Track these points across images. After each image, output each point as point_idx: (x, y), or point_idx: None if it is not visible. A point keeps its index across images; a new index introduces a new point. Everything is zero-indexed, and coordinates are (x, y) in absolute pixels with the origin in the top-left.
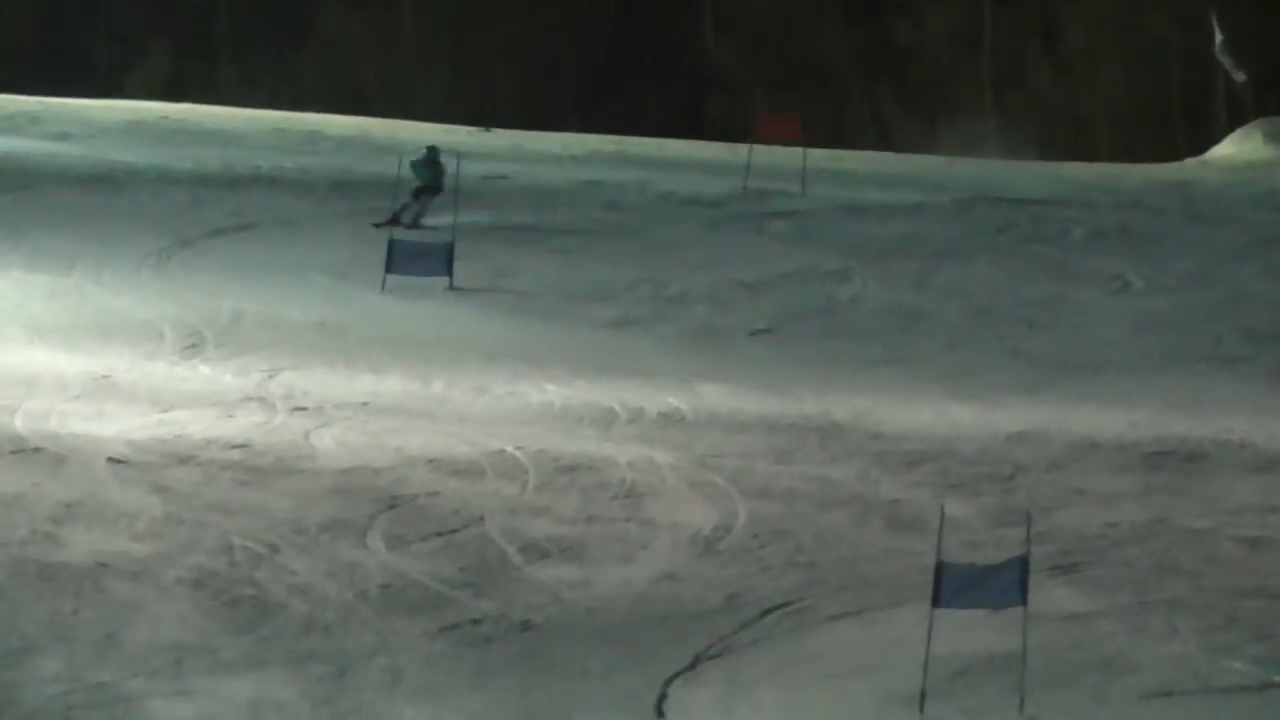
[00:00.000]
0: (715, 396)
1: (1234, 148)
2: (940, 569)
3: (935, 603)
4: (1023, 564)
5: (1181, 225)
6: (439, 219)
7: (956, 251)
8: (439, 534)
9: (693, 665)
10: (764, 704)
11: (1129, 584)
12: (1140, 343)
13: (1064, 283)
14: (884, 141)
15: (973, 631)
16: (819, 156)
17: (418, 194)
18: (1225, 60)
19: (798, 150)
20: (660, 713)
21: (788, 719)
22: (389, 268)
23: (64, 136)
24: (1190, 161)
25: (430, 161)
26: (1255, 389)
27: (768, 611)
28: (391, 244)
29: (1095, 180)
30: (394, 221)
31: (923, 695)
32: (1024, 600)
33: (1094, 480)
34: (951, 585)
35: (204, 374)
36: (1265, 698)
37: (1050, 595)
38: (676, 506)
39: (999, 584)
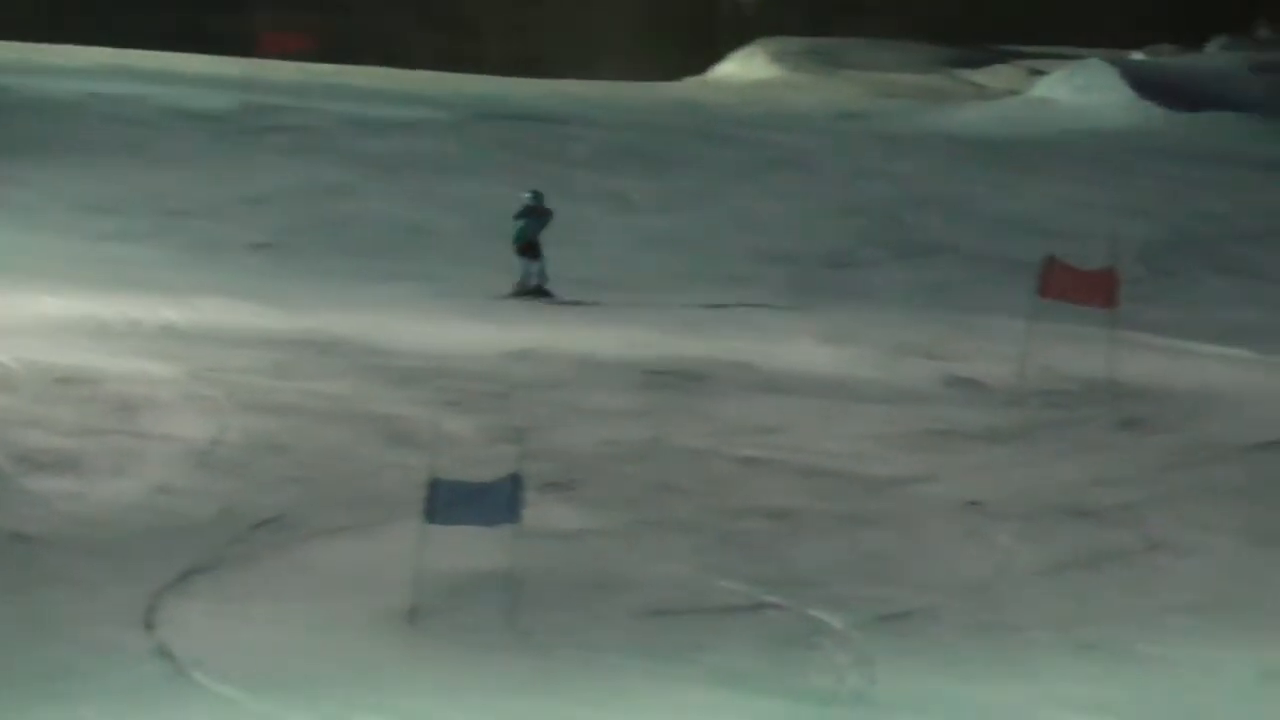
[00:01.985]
0: (213, 310)
1: (737, 67)
2: (434, 485)
3: (429, 518)
4: (517, 481)
5: (686, 144)
6: None
7: (460, 167)
8: None
9: (183, 578)
10: (254, 617)
11: (625, 503)
12: (643, 261)
13: (567, 200)
14: (393, 58)
15: (467, 548)
16: (325, 71)
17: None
18: None
19: (302, 65)
20: (149, 625)
21: (278, 633)
22: None
23: None
24: (694, 80)
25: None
26: (756, 310)
27: (260, 525)
28: None
29: (600, 98)
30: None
31: (414, 610)
32: (518, 517)
33: (593, 398)
34: (445, 501)
35: None
36: (758, 617)
37: (546, 513)
38: (171, 419)
39: (493, 501)
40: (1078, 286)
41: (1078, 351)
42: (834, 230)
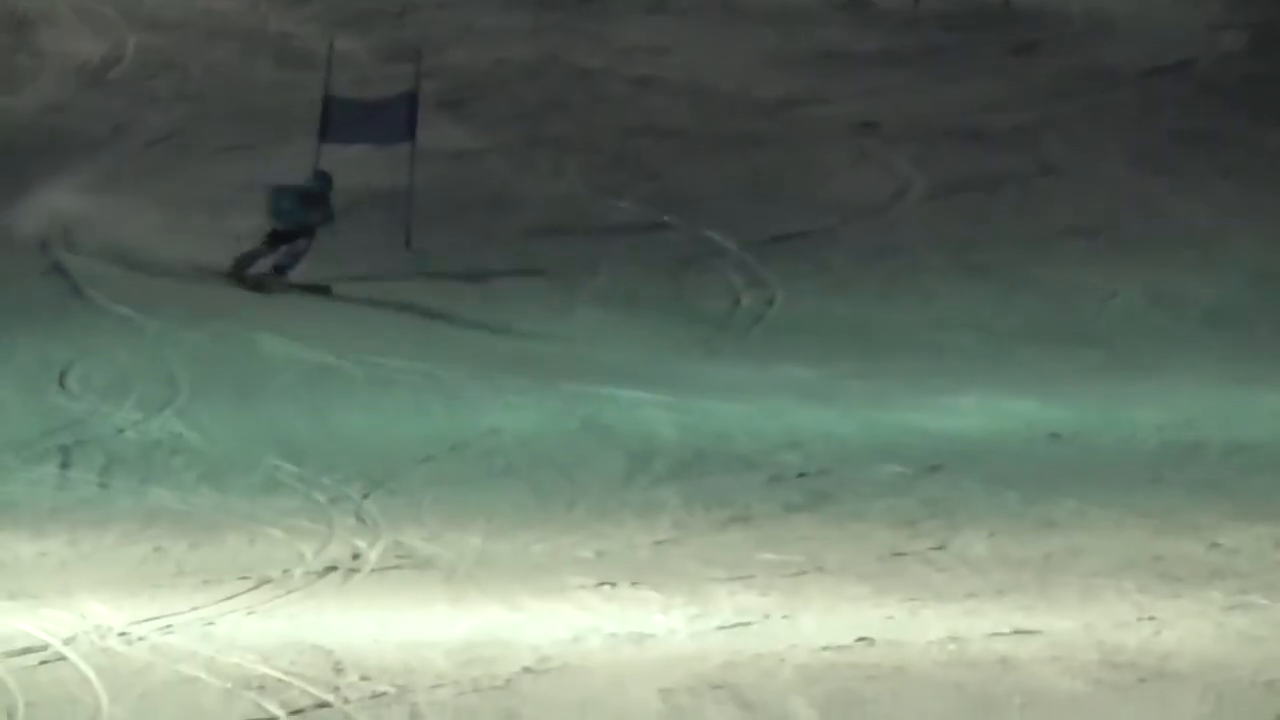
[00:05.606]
0: None
1: None
2: (328, 103)
3: (323, 137)
4: (411, 99)
5: None
6: None
7: None
8: None
9: (77, 196)
10: (151, 225)
11: (517, 121)
12: None
13: None
14: None
15: (361, 166)
16: None
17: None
18: None
19: None
20: (44, 244)
21: (172, 250)
22: None
23: None
24: None
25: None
26: None
27: (154, 143)
28: None
29: None
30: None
31: None
32: (412, 136)
33: (484, 16)
34: (340, 120)
35: None
36: (651, 238)
37: (439, 131)
38: (64, 37)
39: (387, 119)
40: None
41: None
42: None
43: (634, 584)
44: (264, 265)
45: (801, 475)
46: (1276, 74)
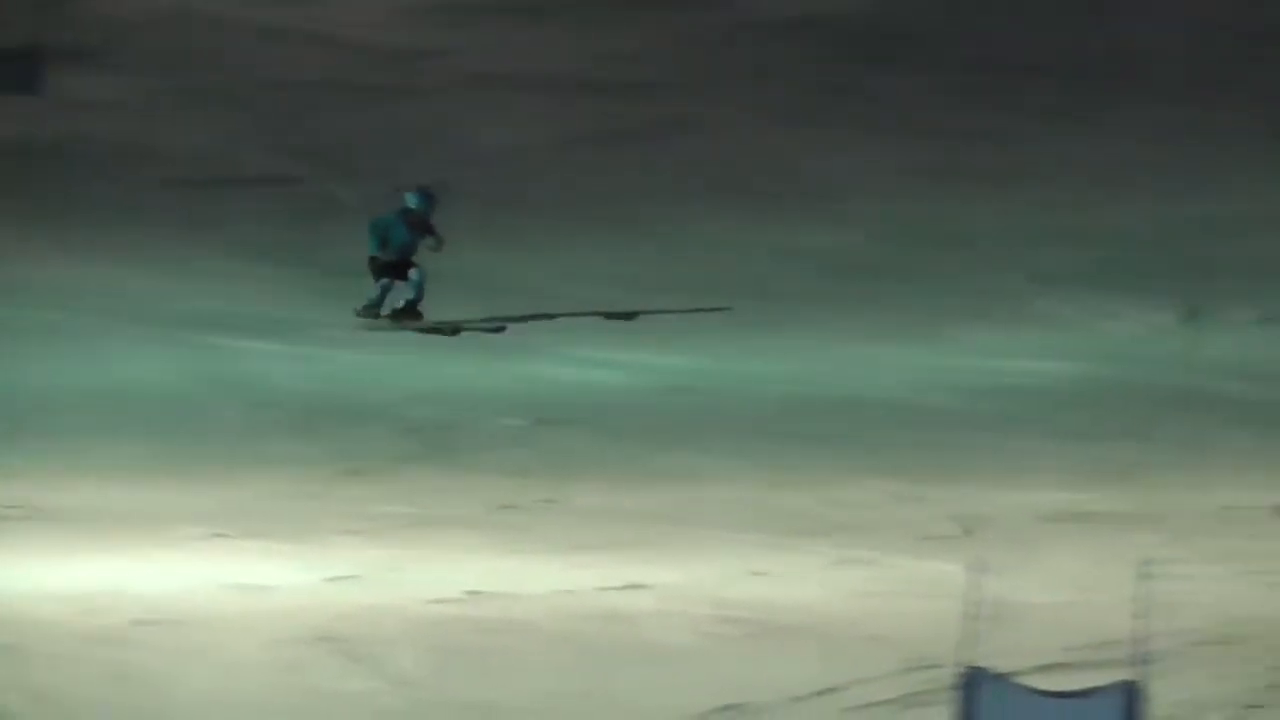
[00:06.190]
0: None
1: None
2: None
3: None
4: (37, 50)
5: None
6: None
7: None
8: None
9: None
10: None
11: (150, 72)
12: None
13: None
14: None
15: None
16: None
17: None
18: None
19: None
20: None
21: None
22: None
23: None
24: None
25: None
26: None
27: None
28: None
29: None
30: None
31: None
32: (43, 90)
33: None
34: None
35: None
36: (281, 190)
37: (70, 82)
38: None
39: (13, 70)
40: None
41: None
42: None
43: (247, 535)
44: (393, 301)
45: (419, 427)
46: (903, 28)
